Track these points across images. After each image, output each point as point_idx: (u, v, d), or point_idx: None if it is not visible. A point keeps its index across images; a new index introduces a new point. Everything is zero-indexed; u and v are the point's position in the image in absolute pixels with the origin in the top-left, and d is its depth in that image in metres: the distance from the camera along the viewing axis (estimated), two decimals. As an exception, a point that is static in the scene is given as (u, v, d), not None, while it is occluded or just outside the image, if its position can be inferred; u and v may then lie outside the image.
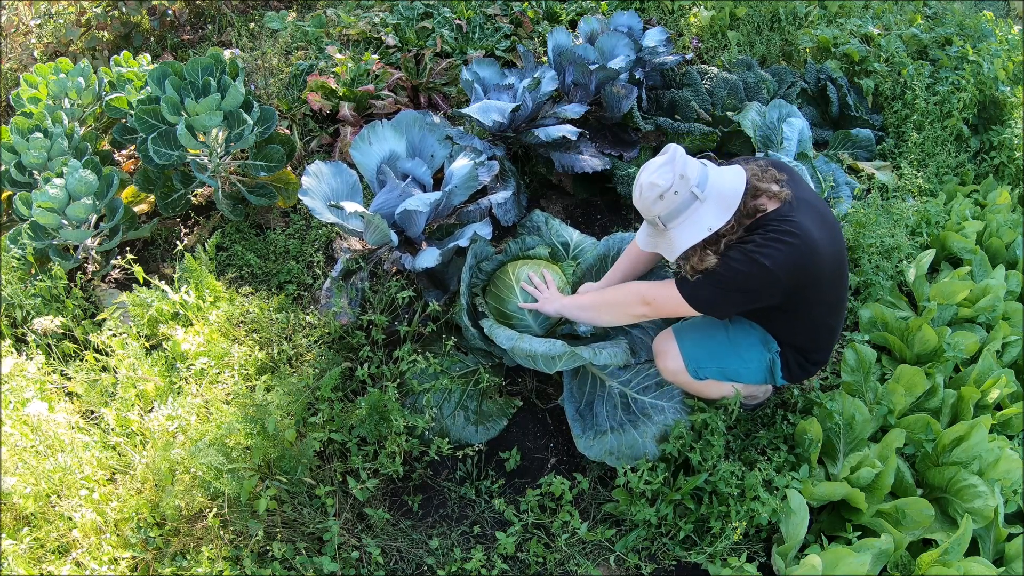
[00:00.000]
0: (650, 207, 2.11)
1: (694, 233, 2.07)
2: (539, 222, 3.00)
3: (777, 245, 2.03)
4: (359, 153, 2.79)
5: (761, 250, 2.04)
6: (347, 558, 2.18)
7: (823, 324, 2.29)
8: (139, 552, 2.09)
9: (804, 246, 2.04)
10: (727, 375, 2.36)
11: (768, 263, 2.02)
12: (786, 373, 2.36)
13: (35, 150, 3.15)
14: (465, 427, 2.54)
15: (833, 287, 2.21)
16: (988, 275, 3.26)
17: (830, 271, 2.15)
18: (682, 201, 2.06)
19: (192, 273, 2.83)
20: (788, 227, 2.05)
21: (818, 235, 2.08)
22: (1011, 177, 4.13)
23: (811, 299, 2.17)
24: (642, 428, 2.44)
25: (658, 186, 2.06)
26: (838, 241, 2.21)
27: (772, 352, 2.33)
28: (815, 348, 2.34)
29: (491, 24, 4.58)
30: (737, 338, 2.34)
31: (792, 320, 2.25)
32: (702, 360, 2.35)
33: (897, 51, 4.54)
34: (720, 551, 2.20)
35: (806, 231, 2.05)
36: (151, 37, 4.72)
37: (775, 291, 2.09)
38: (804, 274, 2.07)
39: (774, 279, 2.04)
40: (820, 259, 2.08)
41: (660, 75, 4.15)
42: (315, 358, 2.58)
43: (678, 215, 2.08)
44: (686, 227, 2.08)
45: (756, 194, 2.11)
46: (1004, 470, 2.36)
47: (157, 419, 2.28)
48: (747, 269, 2.05)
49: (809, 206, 2.16)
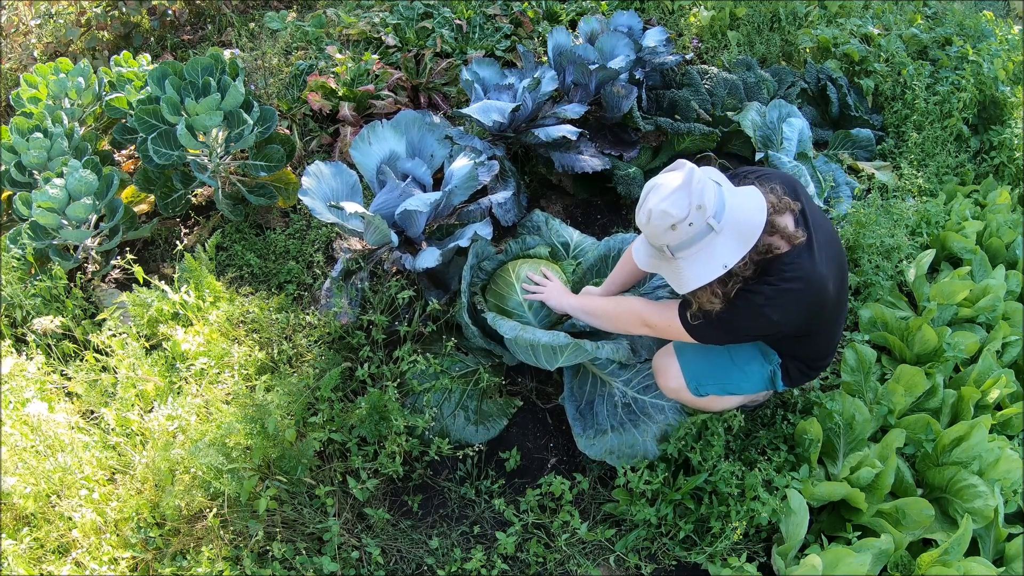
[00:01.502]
0: (659, 236, 1.91)
1: (708, 270, 1.89)
2: (539, 222, 3.00)
3: (787, 297, 1.94)
4: (359, 153, 2.79)
5: (770, 302, 1.95)
6: (347, 558, 2.18)
7: (826, 338, 2.27)
8: (139, 552, 2.09)
9: (813, 291, 1.96)
10: (728, 390, 2.34)
11: (777, 317, 1.96)
12: (787, 380, 2.35)
13: (35, 150, 3.15)
14: (465, 427, 2.54)
15: (836, 309, 2.17)
16: (988, 275, 3.26)
17: (834, 300, 2.08)
18: (697, 233, 1.87)
19: (192, 273, 2.83)
20: (799, 272, 1.94)
21: (826, 271, 1.98)
22: (1011, 177, 4.12)
23: (816, 329, 2.16)
24: (642, 428, 2.44)
25: (671, 216, 1.85)
26: (841, 257, 2.14)
27: (773, 364, 2.32)
28: (818, 356, 2.33)
29: (491, 24, 4.57)
30: (738, 354, 2.31)
31: (795, 343, 2.25)
32: (703, 377, 2.31)
33: (897, 51, 4.54)
34: (720, 551, 2.20)
35: (816, 275, 1.96)
36: (151, 37, 4.72)
37: (781, 335, 2.10)
38: (812, 316, 2.03)
39: (780, 327, 2.02)
40: (827, 299, 2.02)
41: (660, 75, 4.15)
42: (315, 358, 2.58)
43: (690, 246, 1.90)
44: (698, 261, 1.90)
45: (772, 231, 1.97)
46: (1004, 470, 2.36)
47: (157, 419, 2.28)
48: (754, 321, 1.99)
49: (819, 232, 2.05)
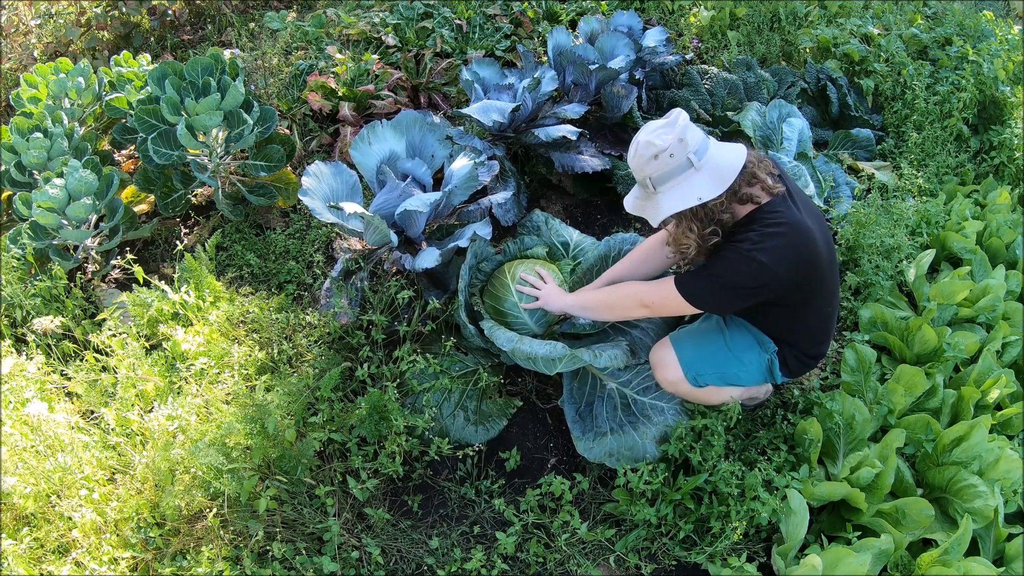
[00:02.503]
0: (643, 166, 2.07)
1: (682, 200, 2.03)
2: (539, 222, 3.00)
3: (773, 240, 2.03)
4: (359, 153, 2.79)
5: (757, 246, 2.03)
6: (347, 558, 2.18)
7: (820, 315, 2.30)
8: (139, 552, 2.09)
9: (800, 238, 2.05)
10: (727, 380, 2.36)
11: (766, 259, 2.02)
12: (785, 371, 2.37)
13: (35, 150, 3.15)
14: (465, 427, 2.54)
15: (828, 277, 2.23)
16: (988, 275, 3.26)
17: (826, 261, 2.16)
18: (677, 165, 2.03)
19: (192, 273, 2.83)
20: (783, 219, 2.05)
21: (812, 224, 2.09)
22: (1011, 177, 4.13)
23: (809, 292, 2.18)
24: (642, 430, 2.44)
25: (654, 145, 2.02)
26: (827, 232, 2.24)
27: (769, 352, 2.33)
28: (813, 342, 2.35)
29: (491, 24, 4.57)
30: (734, 342, 2.35)
31: (791, 315, 2.26)
32: (701, 367, 2.34)
33: (897, 51, 4.54)
34: (720, 551, 2.20)
35: (801, 222, 2.06)
36: (151, 37, 4.72)
37: (775, 286, 2.09)
38: (803, 266, 2.08)
39: (773, 274, 2.04)
40: (816, 249, 2.09)
41: (660, 75, 4.15)
42: (315, 358, 2.58)
43: (670, 179, 2.05)
44: (675, 192, 2.05)
45: (752, 181, 2.10)
46: (1004, 470, 2.36)
47: (157, 419, 2.28)
48: (745, 267, 2.05)
49: (798, 197, 2.17)
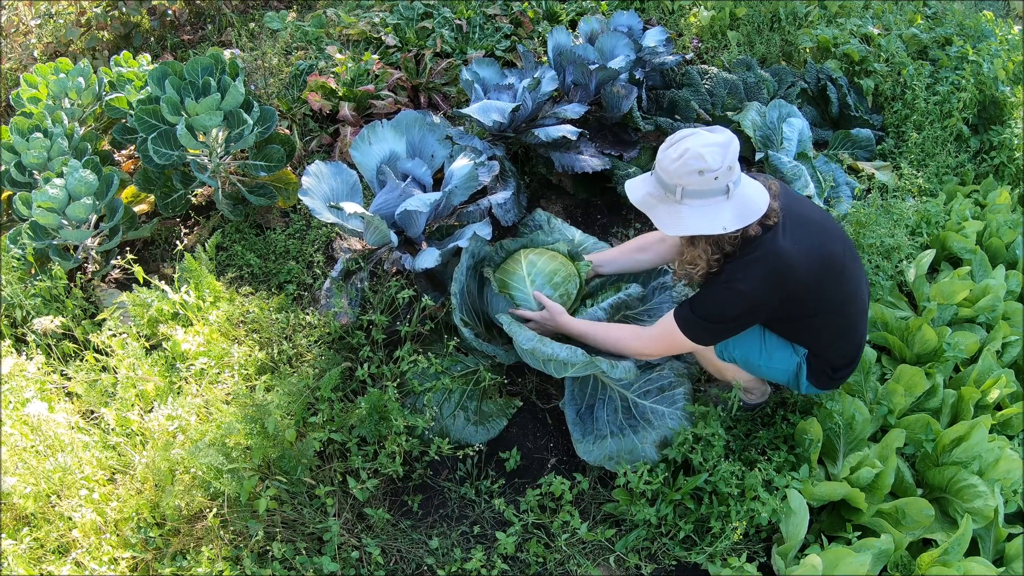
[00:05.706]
0: (682, 175, 1.98)
1: (709, 224, 2.00)
2: (541, 221, 3.00)
3: (746, 270, 2.07)
4: (359, 153, 2.79)
5: (734, 276, 2.08)
6: (347, 558, 2.18)
7: (832, 329, 2.28)
8: (139, 552, 2.09)
9: (775, 262, 2.06)
10: (749, 366, 2.37)
11: (743, 287, 2.07)
12: (812, 379, 2.36)
13: (35, 150, 3.15)
14: (465, 427, 2.54)
15: (828, 288, 2.18)
16: (988, 275, 3.26)
17: (816, 276, 2.13)
18: (715, 188, 1.98)
19: (192, 273, 2.83)
20: (758, 251, 2.07)
21: (791, 248, 2.08)
22: (1011, 177, 4.13)
23: (807, 306, 2.18)
24: (642, 433, 2.43)
25: (704, 161, 1.95)
26: (828, 244, 2.18)
27: (800, 356, 2.35)
28: (837, 354, 2.33)
29: (491, 24, 4.57)
30: (770, 337, 2.36)
31: (798, 327, 2.28)
32: (734, 344, 2.34)
33: (897, 51, 4.54)
34: (720, 551, 2.20)
35: (776, 249, 2.07)
36: (151, 37, 4.72)
37: (761, 309, 2.15)
38: (783, 287, 2.09)
39: (753, 300, 2.10)
40: (796, 271, 2.08)
41: (660, 75, 4.15)
42: (315, 358, 2.58)
43: (701, 197, 1.99)
44: (703, 214, 2.00)
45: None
46: (1004, 470, 2.36)
47: (157, 419, 2.28)
48: (725, 298, 2.12)
49: (794, 219, 2.14)
